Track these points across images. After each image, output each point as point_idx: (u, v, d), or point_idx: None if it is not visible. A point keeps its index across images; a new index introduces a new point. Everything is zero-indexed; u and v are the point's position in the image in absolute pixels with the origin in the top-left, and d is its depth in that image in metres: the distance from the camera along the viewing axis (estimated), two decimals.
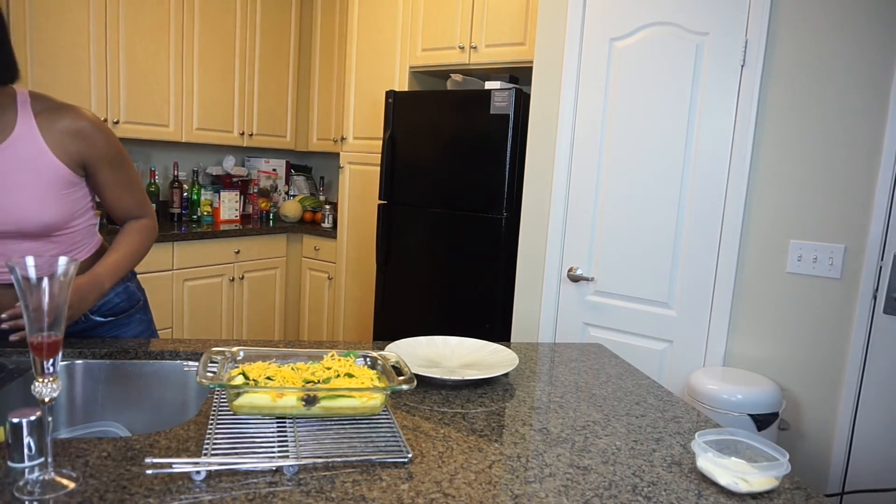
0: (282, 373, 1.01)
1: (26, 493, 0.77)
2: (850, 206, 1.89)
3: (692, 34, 2.10)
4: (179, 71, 3.53)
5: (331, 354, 1.10)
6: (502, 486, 0.87)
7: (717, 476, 0.91)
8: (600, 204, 2.31)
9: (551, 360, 1.51)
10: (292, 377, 1.01)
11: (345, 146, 3.70)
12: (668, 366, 2.22)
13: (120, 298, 1.46)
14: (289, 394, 0.95)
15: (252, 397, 0.95)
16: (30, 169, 1.17)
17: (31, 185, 1.17)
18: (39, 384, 0.78)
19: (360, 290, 3.67)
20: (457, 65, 3.20)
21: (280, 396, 0.95)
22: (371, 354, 1.13)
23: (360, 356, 1.13)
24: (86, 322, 1.41)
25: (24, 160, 1.16)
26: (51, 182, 1.19)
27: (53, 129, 1.19)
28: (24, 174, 1.16)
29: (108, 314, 1.44)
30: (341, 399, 0.98)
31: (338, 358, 1.09)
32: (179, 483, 0.81)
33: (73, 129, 1.21)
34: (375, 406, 0.99)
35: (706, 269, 2.12)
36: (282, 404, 0.95)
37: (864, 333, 1.88)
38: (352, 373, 1.03)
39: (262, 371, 1.01)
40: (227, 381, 0.97)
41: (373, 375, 1.03)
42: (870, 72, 1.83)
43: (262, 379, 0.98)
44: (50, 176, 1.19)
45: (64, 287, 0.77)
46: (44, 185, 1.18)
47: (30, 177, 1.17)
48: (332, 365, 1.06)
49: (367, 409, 0.99)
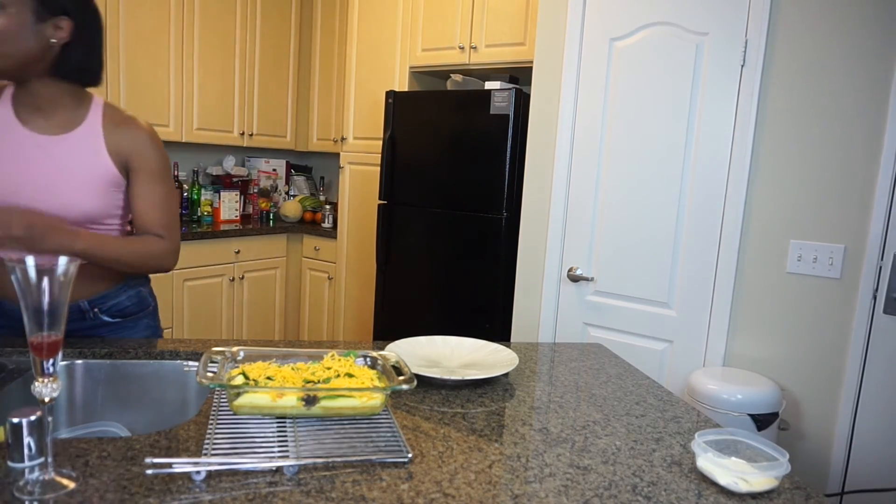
0: (282, 373, 1.01)
1: (26, 493, 0.77)
2: (850, 206, 1.89)
3: (692, 34, 2.10)
4: (179, 71, 3.53)
5: (331, 354, 1.10)
6: (502, 486, 0.87)
7: (717, 476, 0.91)
8: (600, 204, 2.31)
9: (551, 360, 1.51)
10: (292, 377, 1.01)
11: (345, 146, 3.70)
12: (668, 366, 2.22)
13: (130, 301, 1.46)
14: (289, 394, 0.96)
15: (252, 397, 0.95)
16: (84, 162, 1.29)
17: (81, 176, 1.29)
18: (39, 384, 0.78)
19: (360, 290, 3.67)
20: (457, 65, 3.20)
21: (280, 396, 0.95)
22: (371, 354, 1.14)
23: (361, 356, 1.13)
24: (93, 320, 1.41)
25: (82, 153, 1.29)
26: (99, 178, 1.31)
27: (114, 133, 1.32)
28: (78, 166, 1.29)
29: (117, 315, 1.44)
30: (341, 399, 0.98)
31: (338, 358, 1.09)
32: (179, 483, 0.81)
33: (130, 137, 1.34)
34: (375, 406, 0.99)
35: (706, 269, 2.12)
36: (282, 404, 0.96)
37: (864, 333, 1.88)
38: (352, 373, 1.03)
39: (263, 371, 1.01)
40: (227, 381, 0.97)
41: (373, 375, 1.04)
42: (870, 72, 1.83)
43: (263, 379, 0.99)
44: (99, 171, 1.31)
45: (64, 287, 0.78)
46: (92, 179, 1.30)
47: (82, 169, 1.29)
48: (333, 365, 1.06)
49: (367, 408, 0.99)
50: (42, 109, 1.28)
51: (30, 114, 1.28)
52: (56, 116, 1.29)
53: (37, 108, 1.28)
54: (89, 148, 1.30)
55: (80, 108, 1.31)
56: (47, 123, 1.28)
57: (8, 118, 1.27)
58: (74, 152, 1.29)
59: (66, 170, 1.28)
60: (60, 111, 1.29)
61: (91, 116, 1.32)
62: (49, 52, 1.22)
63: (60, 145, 1.28)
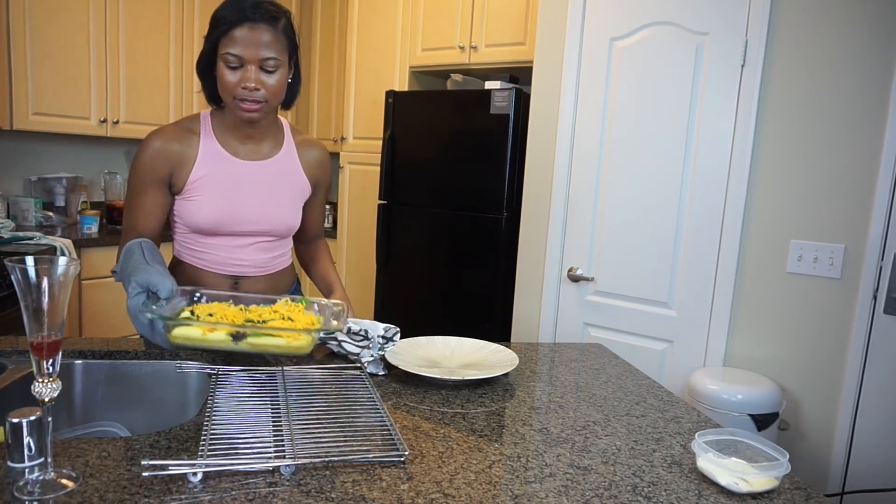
0: (225, 311, 1.08)
1: (26, 493, 0.77)
2: (850, 206, 1.89)
3: (692, 34, 2.09)
4: (179, 71, 3.53)
5: (284, 300, 1.16)
6: (502, 486, 0.87)
7: (717, 476, 0.91)
8: (600, 204, 2.31)
9: (551, 361, 1.51)
10: (234, 316, 1.07)
11: (345, 146, 3.70)
12: (668, 366, 2.22)
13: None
14: (220, 329, 1.02)
15: (185, 330, 1.01)
16: (288, 181, 1.44)
17: (288, 194, 1.44)
18: (39, 384, 0.78)
19: (360, 290, 3.67)
20: (457, 65, 3.20)
21: (211, 331, 1.01)
22: (322, 302, 1.21)
23: (314, 303, 1.20)
24: None
25: (286, 174, 1.44)
26: (299, 194, 1.47)
27: (306, 154, 1.48)
28: (284, 185, 1.43)
29: None
30: (267, 338, 1.03)
31: (291, 304, 1.15)
32: (179, 483, 0.81)
33: (318, 158, 1.50)
34: (301, 346, 1.05)
35: (706, 269, 2.12)
36: (212, 338, 1.02)
37: (864, 333, 1.87)
38: (293, 317, 1.10)
39: (208, 309, 1.07)
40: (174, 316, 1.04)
41: (315, 321, 1.10)
42: (870, 71, 1.83)
43: (205, 315, 1.05)
44: (300, 189, 1.46)
45: (64, 287, 0.77)
46: (295, 196, 1.46)
47: (287, 187, 1.44)
48: (279, 308, 1.13)
49: (292, 348, 1.05)
50: (254, 139, 1.40)
51: (241, 143, 1.39)
52: (264, 143, 1.42)
53: (250, 137, 1.39)
54: (291, 167, 1.45)
55: (279, 132, 1.45)
56: (257, 149, 1.41)
57: (218, 150, 1.37)
58: (280, 172, 1.43)
59: (275, 189, 1.41)
60: (268, 138, 1.42)
61: (286, 139, 1.45)
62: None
63: (269, 168, 1.42)
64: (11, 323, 2.32)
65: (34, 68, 2.88)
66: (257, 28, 1.23)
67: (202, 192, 1.36)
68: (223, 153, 1.37)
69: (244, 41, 1.23)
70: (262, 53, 1.24)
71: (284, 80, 1.30)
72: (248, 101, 1.26)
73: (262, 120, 1.34)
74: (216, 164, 1.36)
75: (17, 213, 3.11)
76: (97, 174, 3.61)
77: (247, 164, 1.39)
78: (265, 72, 1.26)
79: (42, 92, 2.92)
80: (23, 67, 2.83)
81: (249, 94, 1.25)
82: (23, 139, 3.22)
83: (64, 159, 3.45)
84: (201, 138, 1.37)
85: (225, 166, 1.37)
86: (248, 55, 1.23)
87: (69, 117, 3.06)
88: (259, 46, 1.23)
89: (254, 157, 1.40)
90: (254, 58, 1.24)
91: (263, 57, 1.24)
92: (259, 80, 1.25)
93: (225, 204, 1.36)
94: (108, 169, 3.65)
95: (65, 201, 3.35)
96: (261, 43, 1.23)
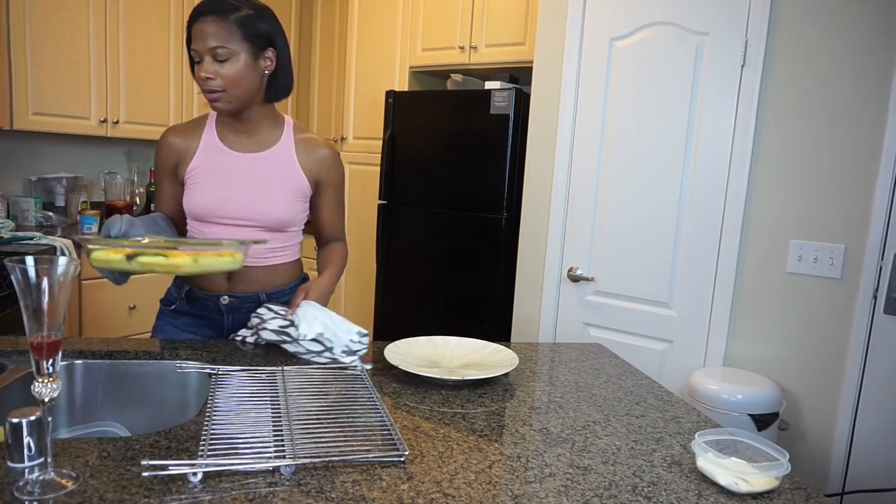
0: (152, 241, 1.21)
1: (26, 493, 0.77)
2: (850, 206, 1.89)
3: (692, 34, 2.09)
4: (179, 71, 3.53)
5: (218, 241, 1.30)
6: (502, 486, 0.87)
7: (717, 476, 0.91)
8: (600, 204, 2.31)
9: (551, 361, 1.51)
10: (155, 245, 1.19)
11: (345, 146, 3.70)
12: (668, 366, 2.22)
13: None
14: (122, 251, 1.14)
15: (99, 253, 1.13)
16: (282, 176, 1.46)
17: (280, 188, 1.46)
18: (39, 384, 0.78)
19: (360, 290, 3.67)
20: (457, 65, 3.20)
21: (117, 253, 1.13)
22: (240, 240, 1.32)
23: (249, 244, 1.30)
24: None
25: (280, 168, 1.46)
26: (293, 190, 1.47)
27: (305, 151, 1.49)
28: (277, 179, 1.46)
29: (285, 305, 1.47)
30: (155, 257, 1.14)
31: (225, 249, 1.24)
32: (179, 483, 0.81)
33: (320, 157, 1.51)
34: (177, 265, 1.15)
35: (706, 269, 2.12)
36: (112, 257, 1.13)
37: (864, 333, 1.87)
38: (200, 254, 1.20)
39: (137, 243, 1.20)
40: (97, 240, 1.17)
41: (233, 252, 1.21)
42: (870, 71, 1.83)
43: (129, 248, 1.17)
44: (295, 184, 1.48)
45: (64, 287, 0.77)
46: (289, 191, 1.47)
47: (280, 181, 1.46)
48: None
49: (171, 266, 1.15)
50: (247, 132, 1.46)
51: (235, 136, 1.46)
52: (258, 136, 1.47)
53: (242, 130, 1.46)
54: (285, 162, 1.47)
55: (277, 127, 1.49)
56: (250, 142, 1.46)
57: (215, 143, 1.45)
58: (273, 166, 1.46)
59: (266, 181, 1.45)
60: (261, 131, 1.47)
61: (285, 135, 1.49)
62: (263, 83, 1.40)
63: (261, 160, 1.45)
64: (11, 323, 2.32)
65: (34, 68, 2.88)
66: (206, 21, 1.31)
67: (197, 181, 1.44)
68: (219, 145, 1.45)
69: (196, 35, 1.32)
70: (208, 43, 1.30)
71: (243, 70, 1.34)
72: (207, 92, 1.34)
73: (232, 110, 1.38)
74: (211, 156, 1.44)
75: (17, 213, 3.11)
76: (97, 174, 3.61)
77: (240, 156, 1.45)
78: (217, 62, 1.31)
79: (42, 92, 2.92)
80: (23, 67, 2.83)
81: (206, 85, 1.33)
82: (23, 139, 3.22)
83: (64, 159, 3.45)
84: (204, 132, 1.46)
85: (219, 157, 1.44)
86: (199, 47, 1.31)
87: (69, 117, 3.06)
88: (206, 37, 1.30)
89: (247, 150, 1.46)
90: (203, 48, 1.31)
91: (210, 46, 1.30)
92: (212, 71, 1.31)
93: (214, 192, 1.43)
94: (108, 169, 3.65)
95: (65, 201, 3.35)
96: (207, 34, 1.30)
